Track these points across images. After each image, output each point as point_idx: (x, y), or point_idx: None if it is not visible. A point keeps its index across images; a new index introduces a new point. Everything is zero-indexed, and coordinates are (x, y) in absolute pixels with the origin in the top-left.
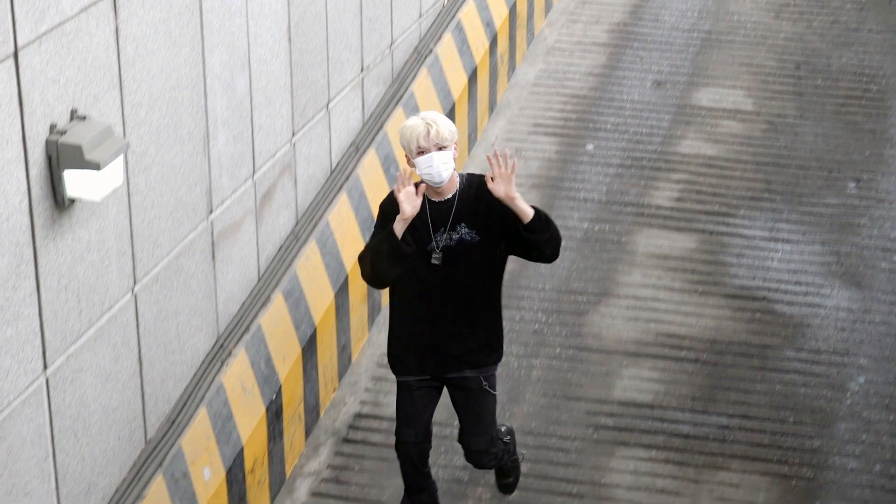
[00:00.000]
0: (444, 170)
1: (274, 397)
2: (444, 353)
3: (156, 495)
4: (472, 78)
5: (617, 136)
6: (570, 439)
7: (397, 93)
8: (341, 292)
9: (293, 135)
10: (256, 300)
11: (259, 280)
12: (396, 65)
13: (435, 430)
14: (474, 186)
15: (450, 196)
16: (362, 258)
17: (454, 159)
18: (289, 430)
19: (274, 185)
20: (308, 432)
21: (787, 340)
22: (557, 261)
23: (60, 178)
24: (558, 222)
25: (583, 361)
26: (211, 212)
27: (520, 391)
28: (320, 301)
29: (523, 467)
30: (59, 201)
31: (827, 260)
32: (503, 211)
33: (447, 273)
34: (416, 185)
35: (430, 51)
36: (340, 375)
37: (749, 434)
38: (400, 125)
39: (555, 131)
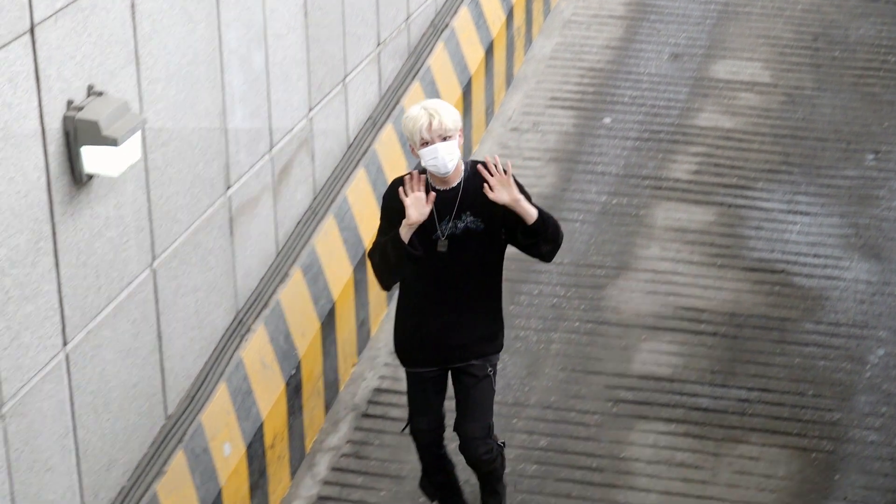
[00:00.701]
0: (448, 160)
1: (293, 372)
2: (449, 344)
3: (176, 471)
4: (489, 51)
5: (634, 109)
6: (590, 413)
7: (414, 67)
8: (360, 267)
9: (310, 110)
10: (275, 275)
11: (277, 255)
12: (413, 39)
13: (451, 403)
14: (478, 174)
15: (455, 185)
16: (371, 256)
17: (459, 147)
18: (308, 405)
19: (291, 160)
20: (328, 407)
21: (806, 313)
22: (576, 234)
23: (78, 154)
24: (575, 196)
25: (602, 335)
26: (229, 187)
27: (539, 365)
28: (339, 276)
29: (543, 441)
30: (77, 177)
31: (846, 232)
32: None
33: (452, 261)
34: (423, 176)
35: (447, 25)
36: (359, 350)
37: (768, 407)
38: (417, 99)
39: (572, 105)
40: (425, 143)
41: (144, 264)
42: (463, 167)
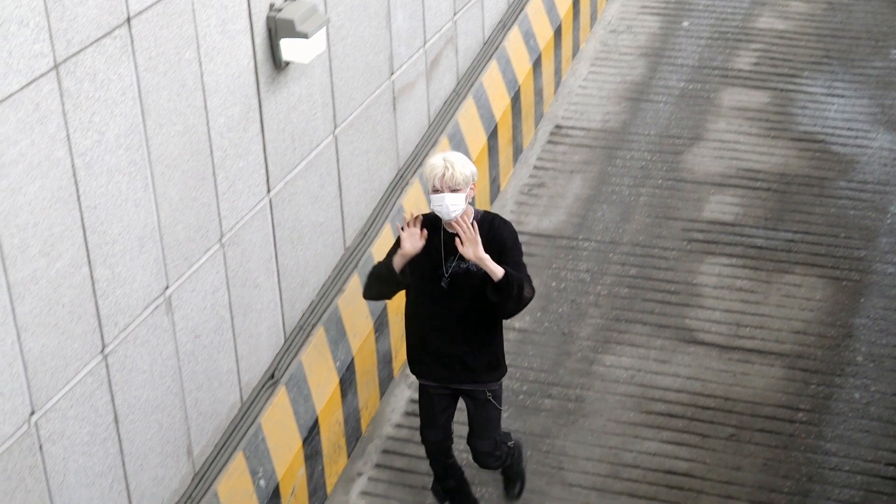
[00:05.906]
0: (452, 210)
1: None
2: (448, 367)
3: (353, 289)
4: None
5: (707, 14)
6: (670, 250)
7: None
8: (492, 136)
9: (455, 14)
10: (427, 141)
11: (429, 127)
12: None
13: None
14: (486, 224)
15: None
16: (372, 269)
17: (467, 200)
18: None
19: (440, 53)
20: None
21: (841, 174)
22: (660, 113)
23: (278, 46)
24: (660, 83)
25: (679, 190)
26: (392, 74)
27: (630, 213)
28: (476, 143)
29: (633, 271)
30: (277, 63)
31: (873, 111)
32: (506, 254)
33: (453, 296)
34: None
35: None
36: (492, 200)
37: (809, 246)
38: (537, 8)
39: (658, 11)
40: (436, 191)
41: (328, 132)
42: (474, 215)
